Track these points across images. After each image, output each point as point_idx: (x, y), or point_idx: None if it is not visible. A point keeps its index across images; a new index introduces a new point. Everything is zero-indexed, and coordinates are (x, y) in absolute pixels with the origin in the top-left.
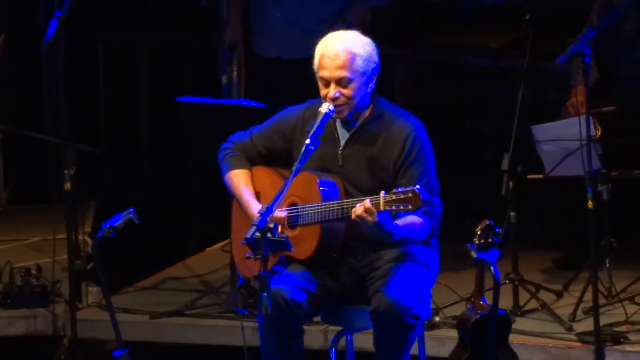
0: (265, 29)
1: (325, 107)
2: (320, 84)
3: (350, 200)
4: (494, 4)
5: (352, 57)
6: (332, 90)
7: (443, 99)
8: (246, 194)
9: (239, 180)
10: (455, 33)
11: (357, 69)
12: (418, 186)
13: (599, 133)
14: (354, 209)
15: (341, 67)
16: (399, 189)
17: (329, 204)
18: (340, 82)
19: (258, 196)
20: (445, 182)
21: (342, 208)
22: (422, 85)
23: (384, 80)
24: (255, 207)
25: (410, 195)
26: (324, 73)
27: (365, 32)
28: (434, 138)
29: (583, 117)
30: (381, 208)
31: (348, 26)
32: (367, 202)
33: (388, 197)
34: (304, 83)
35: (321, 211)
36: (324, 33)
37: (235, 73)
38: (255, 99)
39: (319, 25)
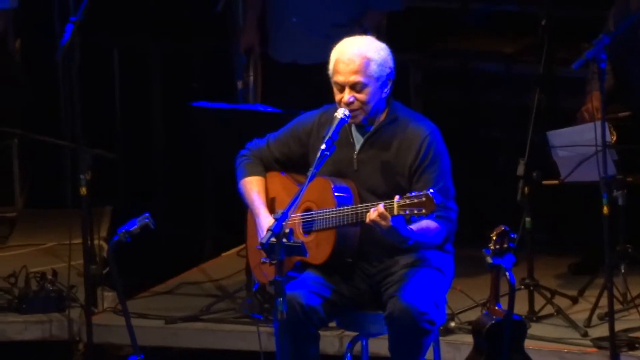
0: (282, 34)
1: (341, 113)
2: (335, 89)
3: (365, 205)
4: (509, 10)
5: (367, 62)
6: (347, 95)
7: (457, 105)
8: (257, 202)
9: (252, 187)
10: (470, 39)
11: (372, 74)
12: (432, 190)
13: (614, 139)
14: (368, 214)
15: (356, 72)
16: (413, 193)
17: (343, 209)
18: (355, 87)
19: (273, 202)
20: (461, 188)
21: (357, 213)
22: (436, 91)
23: (400, 86)
24: (264, 216)
25: (424, 199)
26: (339, 78)
27: (381, 37)
28: (449, 144)
29: (598, 123)
30: (395, 212)
31: (364, 31)
32: (381, 207)
33: (402, 202)
34: (320, 88)
35: (336, 216)
36: (340, 38)
37: (251, 78)
38: (271, 104)
39: (335, 30)
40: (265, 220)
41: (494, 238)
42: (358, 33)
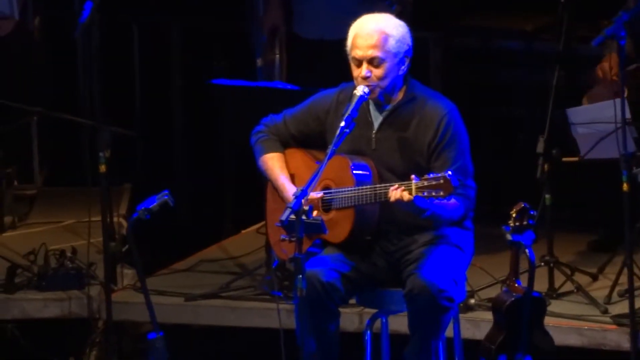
0: (307, 11)
1: (360, 90)
2: (352, 65)
3: (383, 185)
4: None
5: (385, 37)
6: (364, 70)
7: (477, 83)
8: (282, 177)
9: (274, 163)
10: (490, 16)
11: (390, 50)
12: (450, 172)
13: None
14: (392, 193)
15: (374, 47)
16: (431, 175)
17: (362, 189)
18: (372, 62)
19: (292, 178)
20: (480, 166)
21: (375, 193)
22: (456, 69)
23: (419, 64)
24: (290, 190)
25: (442, 181)
26: (357, 52)
27: (406, 11)
28: (468, 121)
29: (618, 100)
30: (413, 194)
31: (388, 5)
32: (399, 192)
33: (420, 184)
34: (346, 63)
35: (355, 195)
36: (365, 13)
37: (277, 57)
38: (298, 80)
39: (359, 4)
40: (292, 194)
41: (514, 215)
42: (383, 7)
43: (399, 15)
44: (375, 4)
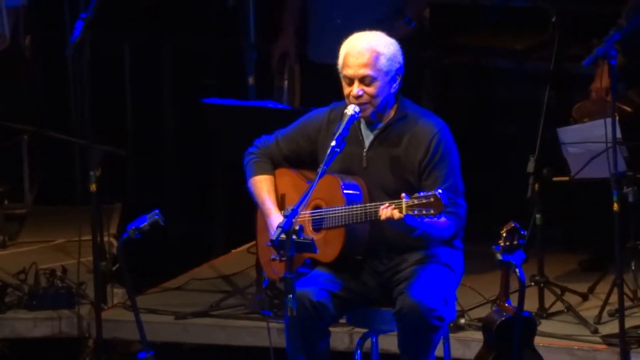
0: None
1: (351, 109)
2: (343, 83)
3: (374, 204)
4: (520, 6)
5: (377, 55)
6: (356, 89)
7: (468, 101)
8: (267, 202)
9: (262, 187)
10: (481, 35)
11: (381, 68)
12: (440, 190)
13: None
14: (382, 212)
15: (365, 66)
16: (421, 194)
17: (352, 208)
18: (364, 81)
19: (282, 199)
20: (471, 184)
21: (366, 212)
22: (448, 87)
23: (411, 83)
24: (274, 216)
25: (432, 200)
26: (348, 71)
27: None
28: (460, 140)
29: (609, 120)
30: (403, 212)
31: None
32: (389, 210)
33: (410, 202)
34: None
35: (345, 215)
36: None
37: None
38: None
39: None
40: (277, 219)
41: (504, 235)
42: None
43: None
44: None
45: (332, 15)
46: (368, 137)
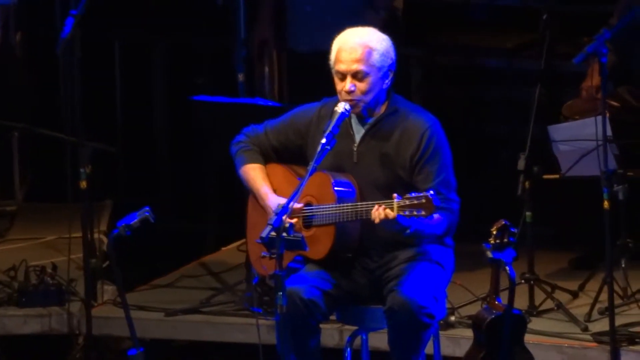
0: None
1: (342, 107)
2: (336, 79)
3: (364, 203)
4: (510, 4)
5: (369, 51)
6: (348, 84)
7: (458, 100)
8: (264, 187)
9: (256, 173)
10: (471, 34)
11: (374, 63)
12: (432, 192)
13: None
14: (373, 210)
15: (358, 61)
16: (413, 194)
17: (343, 206)
18: (356, 76)
19: (275, 194)
20: (461, 182)
21: (357, 211)
22: (437, 86)
23: (401, 81)
24: (272, 199)
25: (423, 201)
26: (341, 66)
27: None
28: (450, 139)
29: (599, 118)
30: (395, 212)
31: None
32: (382, 210)
33: (402, 203)
34: None
35: (336, 212)
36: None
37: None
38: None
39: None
40: (276, 202)
41: (495, 232)
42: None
43: (389, 22)
44: (364, 12)
45: (301, 3)
46: (359, 132)
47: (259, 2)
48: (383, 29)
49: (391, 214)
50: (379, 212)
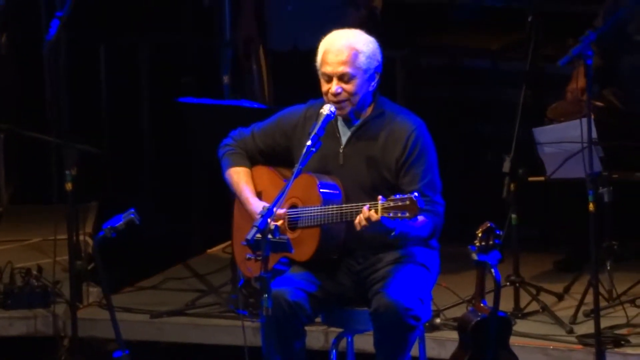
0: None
1: (327, 109)
2: (322, 81)
3: (349, 205)
4: (495, 5)
5: (355, 53)
6: (335, 86)
7: (443, 101)
8: (246, 190)
9: (240, 177)
10: (456, 35)
11: (360, 66)
12: (416, 194)
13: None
14: (356, 222)
15: (344, 63)
16: (397, 196)
17: (328, 208)
18: (343, 78)
19: (259, 196)
20: (447, 184)
21: (342, 213)
22: (422, 87)
23: (386, 82)
24: (255, 204)
25: (407, 202)
26: (327, 69)
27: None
28: (435, 140)
29: (584, 120)
30: (379, 214)
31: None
32: (366, 211)
33: (386, 204)
34: None
35: (321, 214)
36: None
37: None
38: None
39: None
40: (258, 206)
41: (480, 235)
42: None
43: (368, 20)
44: (344, 9)
45: (284, 2)
46: (345, 134)
47: (240, 2)
48: (361, 25)
49: (374, 216)
50: (360, 218)
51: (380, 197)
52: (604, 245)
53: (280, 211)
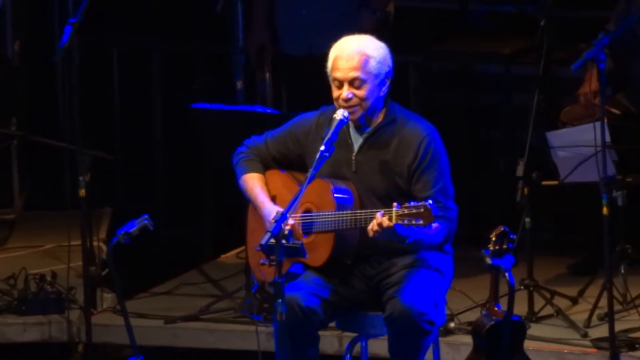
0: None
1: (340, 114)
2: (333, 86)
3: (364, 212)
4: (507, 10)
5: (366, 59)
6: (345, 91)
7: (456, 107)
8: (261, 195)
9: (254, 183)
10: (468, 40)
11: (371, 71)
12: (430, 201)
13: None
14: (369, 228)
15: (355, 69)
16: (412, 203)
17: (342, 214)
18: (353, 83)
19: (274, 200)
20: (460, 189)
21: (356, 219)
22: (435, 93)
23: (398, 88)
24: (269, 208)
25: (422, 210)
26: (337, 74)
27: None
28: (448, 145)
29: (598, 123)
30: (393, 222)
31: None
32: (380, 217)
33: (400, 212)
34: None
35: (335, 219)
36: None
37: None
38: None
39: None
40: (272, 211)
41: (494, 239)
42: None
43: (381, 25)
44: (359, 14)
45: (297, 7)
46: (357, 141)
47: (252, 7)
48: (376, 30)
49: (386, 222)
50: (373, 224)
51: (395, 204)
52: (618, 248)
53: (291, 222)
